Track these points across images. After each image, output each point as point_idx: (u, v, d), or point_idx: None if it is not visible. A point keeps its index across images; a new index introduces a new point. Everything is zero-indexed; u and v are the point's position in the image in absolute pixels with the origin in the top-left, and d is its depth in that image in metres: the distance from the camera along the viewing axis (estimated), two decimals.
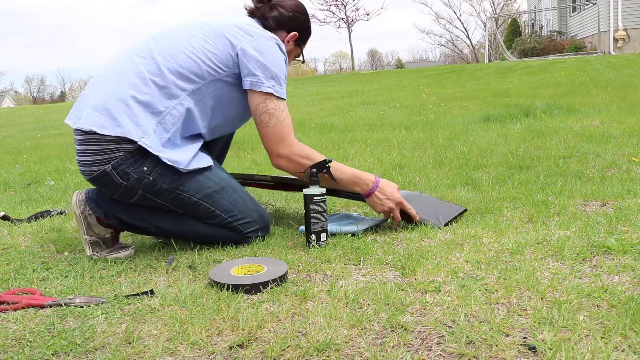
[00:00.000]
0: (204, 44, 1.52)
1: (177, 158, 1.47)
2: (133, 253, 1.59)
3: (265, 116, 1.53)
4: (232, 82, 1.55)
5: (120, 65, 1.52)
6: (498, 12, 31.65)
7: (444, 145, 3.34)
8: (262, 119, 1.54)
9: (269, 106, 1.53)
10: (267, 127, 1.54)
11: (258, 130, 1.57)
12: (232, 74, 1.54)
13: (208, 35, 1.54)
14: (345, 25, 21.56)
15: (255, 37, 1.55)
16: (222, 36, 1.54)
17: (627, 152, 2.61)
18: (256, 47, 1.53)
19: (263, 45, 1.53)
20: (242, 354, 0.93)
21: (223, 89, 1.54)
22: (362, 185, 1.62)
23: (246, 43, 1.53)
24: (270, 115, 1.53)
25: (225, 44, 1.53)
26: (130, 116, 1.43)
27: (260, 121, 1.55)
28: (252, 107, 1.55)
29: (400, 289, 1.17)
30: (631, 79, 6.45)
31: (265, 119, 1.54)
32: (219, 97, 1.54)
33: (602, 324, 0.95)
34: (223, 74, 1.53)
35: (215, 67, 1.51)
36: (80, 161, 1.49)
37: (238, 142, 4.27)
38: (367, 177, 1.62)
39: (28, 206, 2.50)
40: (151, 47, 1.53)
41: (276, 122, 1.54)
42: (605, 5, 13.06)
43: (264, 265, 1.31)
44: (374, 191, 1.62)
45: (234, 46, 1.53)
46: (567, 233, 1.49)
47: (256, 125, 1.57)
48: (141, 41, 1.58)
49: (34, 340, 1.03)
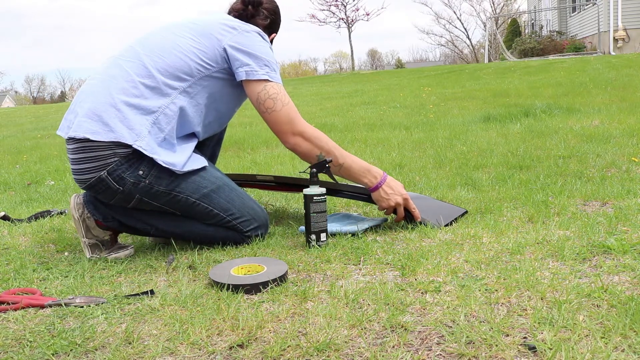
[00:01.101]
0: (191, 42, 1.53)
1: (173, 160, 1.47)
2: (133, 252, 1.59)
3: (269, 102, 1.53)
4: (223, 77, 1.55)
5: (107, 72, 1.51)
6: (498, 12, 31.65)
7: (444, 145, 3.34)
8: (267, 105, 1.53)
9: (270, 92, 1.53)
10: (275, 112, 1.53)
11: (265, 118, 1.55)
12: (221, 69, 1.54)
13: (194, 34, 1.55)
14: (345, 25, 21.56)
15: (239, 30, 1.56)
16: (207, 33, 1.55)
17: (627, 152, 2.61)
18: (241, 40, 1.54)
19: (247, 37, 1.55)
20: (242, 354, 0.93)
21: (214, 84, 1.54)
22: (371, 177, 1.60)
23: (231, 37, 1.54)
24: (274, 100, 1.53)
25: (211, 41, 1.53)
26: (122, 120, 1.43)
27: (265, 108, 1.54)
28: (253, 96, 1.54)
29: (400, 289, 1.17)
30: (631, 79, 6.45)
31: (270, 105, 1.53)
32: (211, 93, 1.55)
33: (602, 324, 0.95)
34: (212, 70, 1.53)
35: (204, 63, 1.52)
36: (75, 170, 1.49)
37: (238, 142, 4.27)
38: (376, 170, 1.62)
39: (28, 206, 2.50)
40: (138, 50, 1.53)
41: (282, 105, 1.53)
42: (605, 5, 13.06)
43: (264, 265, 1.31)
44: (381, 185, 1.61)
45: (220, 41, 1.53)
46: (567, 233, 1.49)
47: (262, 114, 1.55)
48: (127, 45, 1.59)
49: (34, 340, 1.03)
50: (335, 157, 1.57)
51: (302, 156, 1.57)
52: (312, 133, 1.55)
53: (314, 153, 1.55)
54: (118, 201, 1.51)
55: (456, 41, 40.01)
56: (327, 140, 1.57)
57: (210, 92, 1.54)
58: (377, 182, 1.61)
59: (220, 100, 1.58)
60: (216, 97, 1.56)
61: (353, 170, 1.59)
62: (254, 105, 1.56)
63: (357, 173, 1.60)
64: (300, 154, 1.56)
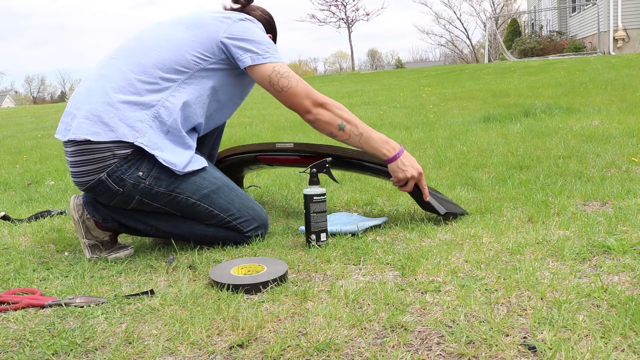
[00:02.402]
0: (185, 35, 1.53)
1: (174, 160, 1.47)
2: (133, 252, 1.59)
3: (284, 81, 1.53)
4: (221, 67, 1.55)
5: (102, 71, 1.51)
6: (498, 12, 31.65)
7: (444, 145, 3.34)
8: (282, 84, 1.53)
9: (281, 71, 1.53)
10: (292, 88, 1.53)
11: (282, 97, 1.55)
12: (219, 60, 1.54)
13: (188, 27, 1.55)
14: (345, 25, 21.57)
15: (233, 19, 1.57)
16: (201, 25, 1.55)
17: (627, 152, 2.61)
18: (237, 28, 1.55)
19: (242, 25, 1.56)
20: (242, 354, 0.94)
21: (213, 75, 1.54)
22: (389, 148, 1.59)
23: (226, 28, 1.54)
24: (287, 78, 1.53)
25: (207, 32, 1.53)
26: (121, 119, 1.42)
27: (281, 87, 1.53)
28: (264, 80, 1.54)
29: (400, 289, 1.17)
30: (631, 79, 6.45)
31: (285, 83, 1.53)
32: (212, 84, 1.55)
33: (602, 324, 0.95)
34: (210, 61, 1.53)
35: (201, 55, 1.52)
36: (74, 172, 1.48)
37: (238, 142, 4.27)
38: (394, 143, 1.61)
39: (28, 206, 2.50)
40: (132, 47, 1.53)
41: (297, 81, 1.54)
42: (605, 5, 13.06)
43: (264, 265, 1.31)
44: (399, 156, 1.60)
45: (216, 33, 1.53)
46: (567, 233, 1.49)
47: (277, 94, 1.55)
48: (120, 44, 1.58)
49: (34, 340, 1.03)
50: (356, 125, 1.56)
51: (324, 126, 1.56)
52: (332, 103, 1.56)
53: (336, 122, 1.55)
54: (118, 202, 1.51)
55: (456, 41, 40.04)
56: (347, 109, 1.58)
57: (211, 83, 1.54)
58: (396, 152, 1.60)
59: (220, 91, 1.58)
60: (217, 88, 1.57)
61: (372, 140, 1.58)
62: (267, 88, 1.55)
63: (377, 143, 1.59)
64: (323, 124, 1.55)
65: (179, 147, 1.50)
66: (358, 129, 1.56)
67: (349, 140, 1.57)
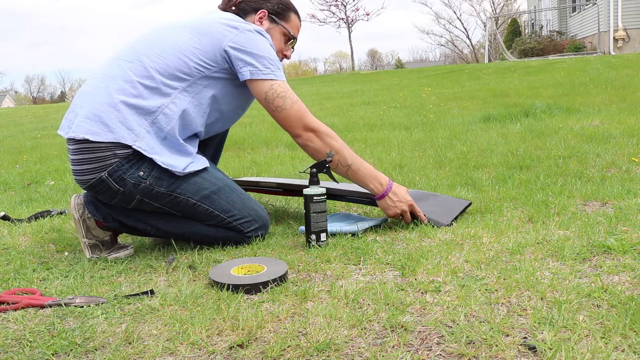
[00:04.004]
0: (190, 42, 1.52)
1: (173, 162, 1.47)
2: (133, 252, 1.59)
3: (279, 100, 1.53)
4: (224, 77, 1.54)
5: (107, 72, 1.51)
6: (498, 12, 31.65)
7: (444, 145, 3.34)
8: (277, 103, 1.53)
9: (278, 90, 1.53)
10: (286, 110, 1.54)
11: (275, 116, 1.55)
12: (222, 70, 1.53)
13: (194, 33, 1.54)
14: (345, 25, 21.57)
15: (240, 29, 1.54)
16: (207, 33, 1.53)
17: (627, 152, 2.61)
18: (242, 39, 1.53)
19: (248, 37, 1.53)
20: (242, 354, 0.93)
21: (215, 84, 1.54)
22: (377, 184, 1.61)
23: (232, 38, 1.52)
24: (283, 98, 1.53)
25: (211, 41, 1.52)
26: (121, 121, 1.42)
27: (275, 107, 1.53)
28: (260, 96, 1.54)
29: (400, 289, 1.17)
30: (631, 79, 6.45)
31: (280, 103, 1.53)
32: (212, 93, 1.54)
33: (602, 324, 0.95)
34: (213, 70, 1.52)
35: (204, 63, 1.51)
36: (76, 170, 1.48)
37: (238, 142, 4.27)
38: (382, 177, 1.62)
39: (28, 206, 2.50)
40: (137, 50, 1.52)
41: (292, 103, 1.54)
42: (605, 5, 13.06)
43: (264, 265, 1.31)
44: (387, 193, 1.61)
45: (221, 41, 1.52)
46: (567, 233, 1.49)
47: (271, 113, 1.55)
48: (126, 45, 1.58)
49: (34, 340, 1.03)
50: (345, 157, 1.57)
51: (312, 152, 1.57)
52: (323, 130, 1.56)
53: (324, 150, 1.55)
54: (119, 202, 1.51)
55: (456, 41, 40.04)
56: (338, 138, 1.58)
57: (212, 92, 1.54)
58: (384, 190, 1.61)
59: (222, 101, 1.57)
60: (218, 97, 1.56)
61: (360, 174, 1.60)
62: (262, 104, 1.55)
63: (364, 177, 1.60)
64: (312, 150, 1.57)
65: (176, 154, 1.49)
66: (347, 160, 1.57)
67: (336, 170, 1.58)
